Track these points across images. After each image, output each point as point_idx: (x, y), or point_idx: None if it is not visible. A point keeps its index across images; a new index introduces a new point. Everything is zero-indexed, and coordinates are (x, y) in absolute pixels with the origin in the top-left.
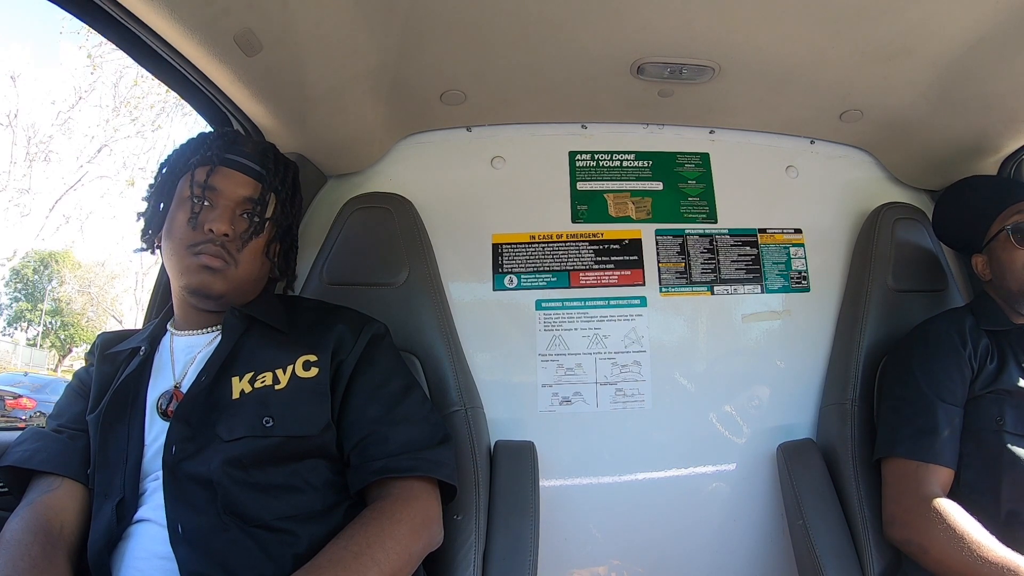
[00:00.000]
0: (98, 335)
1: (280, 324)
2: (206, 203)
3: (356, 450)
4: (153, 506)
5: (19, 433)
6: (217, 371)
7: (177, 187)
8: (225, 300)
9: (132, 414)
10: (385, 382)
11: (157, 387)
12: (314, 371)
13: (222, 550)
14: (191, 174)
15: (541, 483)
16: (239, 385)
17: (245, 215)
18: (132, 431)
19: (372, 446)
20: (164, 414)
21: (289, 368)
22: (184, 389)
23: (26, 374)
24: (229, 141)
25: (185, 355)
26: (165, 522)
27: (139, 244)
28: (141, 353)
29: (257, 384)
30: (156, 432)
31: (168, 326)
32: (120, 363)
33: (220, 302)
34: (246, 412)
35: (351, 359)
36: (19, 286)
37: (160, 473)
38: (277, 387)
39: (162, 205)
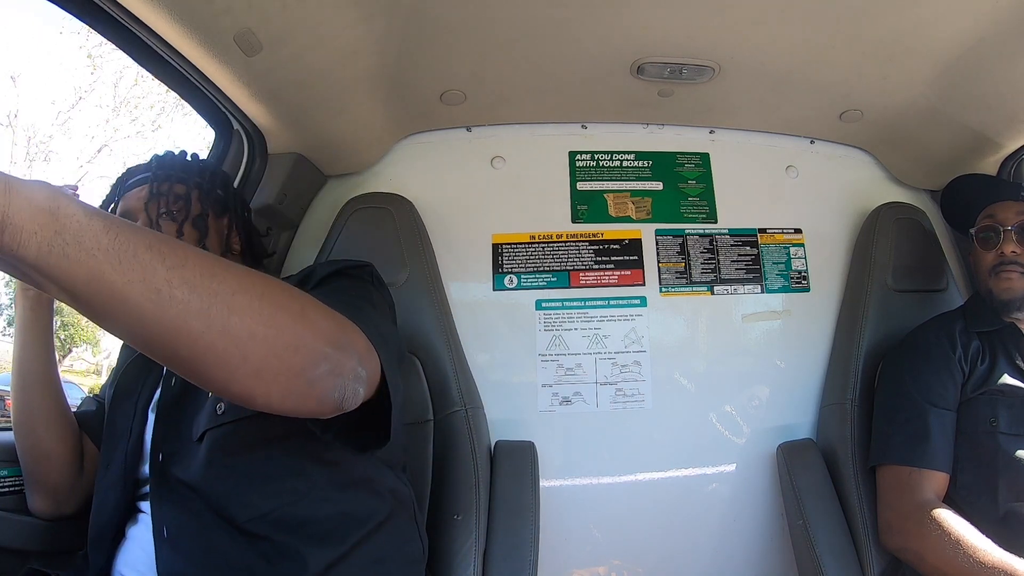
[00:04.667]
0: None
1: None
2: None
3: None
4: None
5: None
6: None
7: None
8: None
9: (143, 389)
10: (333, 289)
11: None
12: None
13: (205, 552)
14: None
15: (541, 483)
16: None
17: (159, 216)
18: (139, 408)
19: None
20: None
21: None
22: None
23: None
24: (126, 175)
25: None
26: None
27: None
28: None
29: None
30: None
31: None
32: None
33: None
34: (209, 405)
35: (309, 283)
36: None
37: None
38: None
39: None
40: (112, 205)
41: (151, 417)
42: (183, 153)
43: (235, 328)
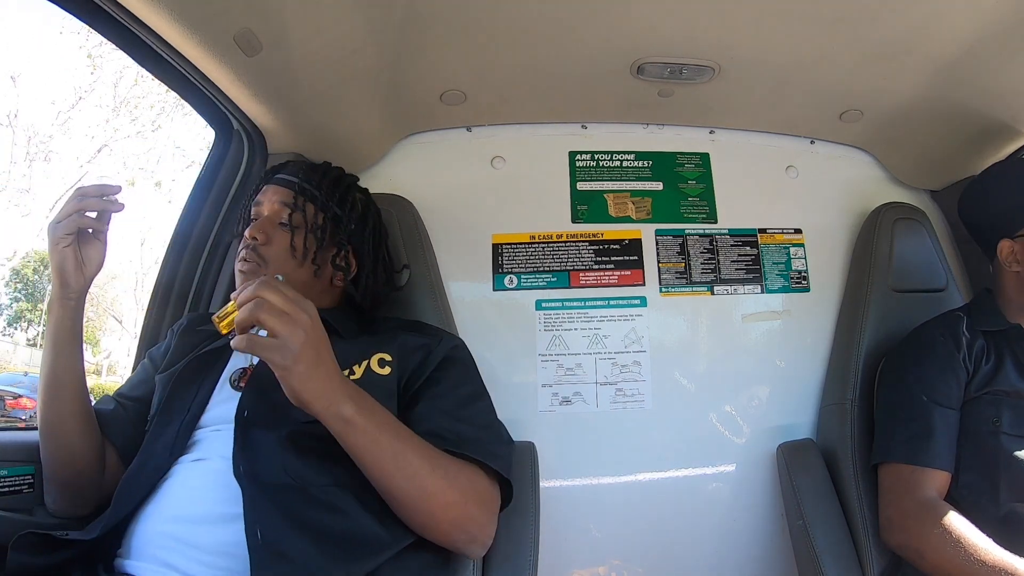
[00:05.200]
0: (187, 314)
1: (346, 331)
2: (254, 219)
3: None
4: (206, 450)
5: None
6: None
7: None
8: None
9: (205, 378)
10: (456, 387)
11: (234, 364)
12: (388, 370)
13: (279, 492)
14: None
15: (541, 483)
16: None
17: (283, 225)
18: (200, 392)
19: (438, 432)
20: (236, 387)
21: (364, 363)
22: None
23: (26, 374)
24: (281, 165)
25: None
26: (220, 460)
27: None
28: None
29: None
30: (224, 396)
31: None
32: (206, 337)
33: None
34: None
35: (424, 369)
36: (19, 286)
37: (219, 425)
38: (352, 378)
39: None
40: (256, 195)
41: (216, 394)
42: (335, 171)
43: (418, 503)
